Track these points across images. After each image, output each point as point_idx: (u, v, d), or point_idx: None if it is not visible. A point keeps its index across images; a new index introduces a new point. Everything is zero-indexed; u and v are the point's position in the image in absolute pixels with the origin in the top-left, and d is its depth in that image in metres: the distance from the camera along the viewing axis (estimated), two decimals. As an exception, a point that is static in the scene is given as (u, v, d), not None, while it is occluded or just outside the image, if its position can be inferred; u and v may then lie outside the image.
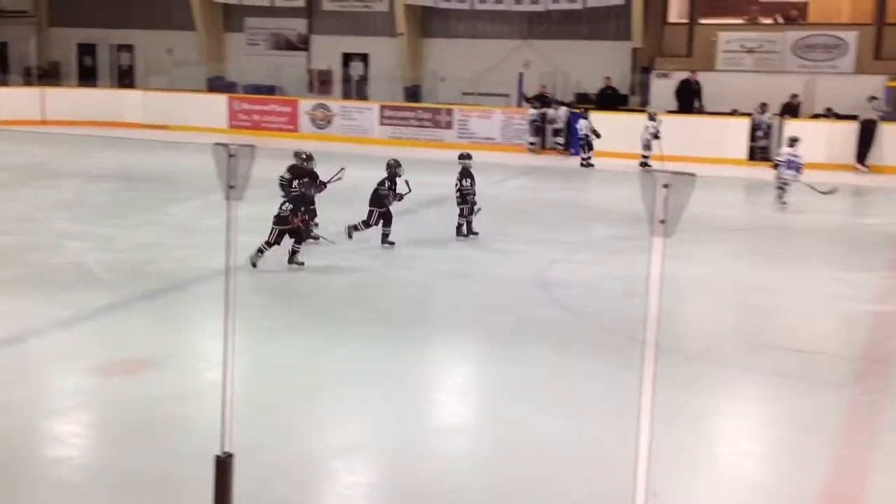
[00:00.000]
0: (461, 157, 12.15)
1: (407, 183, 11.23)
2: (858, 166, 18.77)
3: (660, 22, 23.94)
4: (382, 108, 23.64)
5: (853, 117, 19.38)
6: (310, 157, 11.16)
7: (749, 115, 20.01)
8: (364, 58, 27.43)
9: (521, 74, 23.48)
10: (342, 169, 11.28)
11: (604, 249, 11.70)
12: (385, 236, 11.18)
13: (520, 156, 21.03)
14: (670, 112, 21.40)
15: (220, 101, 25.35)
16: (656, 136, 18.64)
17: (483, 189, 12.59)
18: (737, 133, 20.19)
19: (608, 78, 22.83)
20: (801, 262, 11.46)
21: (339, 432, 5.98)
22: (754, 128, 19.73)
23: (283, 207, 9.94)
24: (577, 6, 23.81)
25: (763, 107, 19.85)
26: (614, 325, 8.33)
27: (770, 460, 5.95)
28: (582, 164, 19.51)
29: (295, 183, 10.68)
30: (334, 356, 7.44)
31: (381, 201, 11.12)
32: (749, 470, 5.76)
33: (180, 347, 7.70)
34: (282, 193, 10.87)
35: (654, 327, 3.53)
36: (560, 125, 21.37)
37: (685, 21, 23.85)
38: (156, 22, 28.98)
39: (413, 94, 25.85)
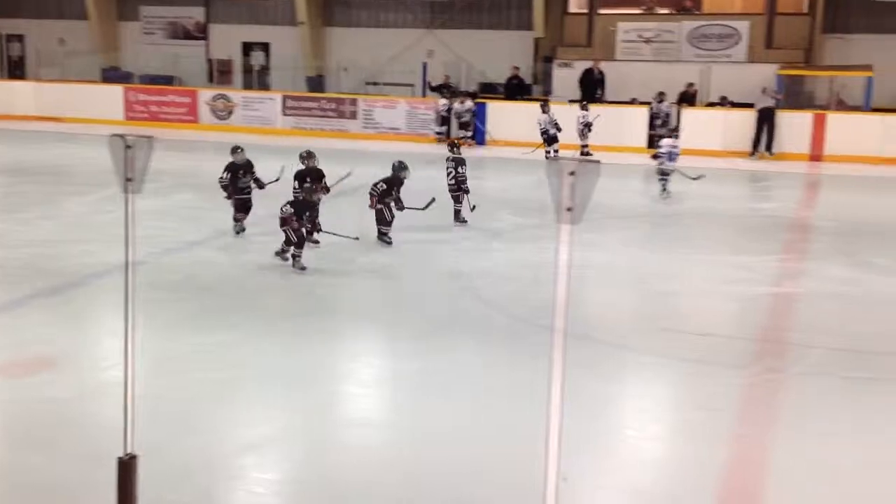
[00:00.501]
0: (451, 146, 12.78)
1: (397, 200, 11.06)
2: (764, 154, 19.32)
3: (560, 12, 24.24)
4: (285, 98, 23.33)
5: (747, 105, 19.96)
6: (310, 155, 10.92)
7: (648, 103, 20.42)
8: (265, 47, 27.06)
9: (424, 64, 23.47)
10: (348, 173, 11.07)
11: (514, 238, 11.78)
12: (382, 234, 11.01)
13: (426, 145, 21.03)
14: (573, 101, 21.70)
15: (115, 92, 24.64)
16: (588, 127, 18.87)
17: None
18: (636, 122, 20.59)
19: (516, 67, 22.98)
20: (701, 247, 11.75)
21: (249, 428, 5.88)
22: (653, 116, 20.15)
23: (284, 209, 9.58)
24: (479, -5, 23.97)
25: (661, 95, 20.28)
26: (526, 314, 8.40)
27: (674, 441, 6.08)
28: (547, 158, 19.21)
29: (296, 184, 10.60)
30: (244, 351, 7.30)
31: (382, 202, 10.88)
32: (655, 451, 5.89)
33: (81, 346, 7.46)
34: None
35: (563, 314, 3.56)
36: (467, 118, 21.34)
37: (585, 11, 24.19)
38: (47, 11, 28.01)
39: (316, 84, 25.59)
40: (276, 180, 11.12)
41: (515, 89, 22.79)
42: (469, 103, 21.19)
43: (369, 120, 22.35)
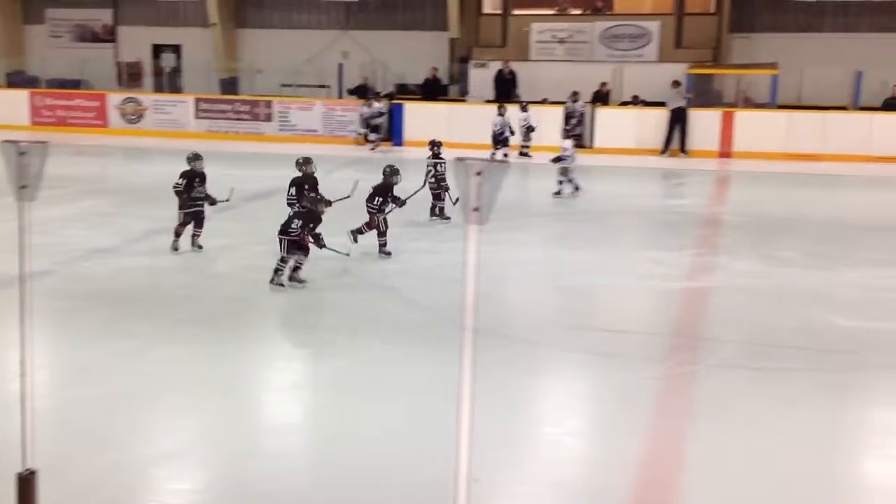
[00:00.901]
0: (433, 143, 12.86)
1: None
2: (678, 152, 19.64)
3: (475, 13, 24.34)
4: (198, 100, 22.91)
5: (659, 104, 20.32)
6: (307, 161, 10.31)
7: (563, 103, 20.62)
8: (176, 49, 26.56)
9: (340, 65, 23.31)
10: (356, 182, 10.75)
11: (434, 238, 11.75)
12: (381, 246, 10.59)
13: (344, 147, 20.87)
14: (489, 101, 21.83)
15: (21, 96, 23.87)
16: (530, 129, 18.92)
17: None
18: (551, 121, 20.77)
19: (434, 68, 22.98)
20: (618, 244, 11.90)
21: (158, 439, 5.73)
22: (568, 116, 20.36)
23: (294, 226, 8.97)
24: (394, -4, 23.95)
25: (575, 95, 20.50)
26: (447, 313, 8.38)
27: (592, 435, 6.14)
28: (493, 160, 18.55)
29: (293, 191, 9.96)
30: (157, 359, 7.12)
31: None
32: (574, 446, 5.93)
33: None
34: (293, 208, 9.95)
35: (472, 313, 3.54)
36: (378, 120, 21.01)
37: (499, 12, 24.33)
38: (-53, 14, 27.02)
39: (230, 86, 25.21)
40: (227, 200, 10.67)
41: (432, 90, 22.79)
42: (377, 105, 20.90)
43: (285, 122, 22.10)
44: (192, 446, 5.69)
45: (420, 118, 21.11)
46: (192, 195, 10.34)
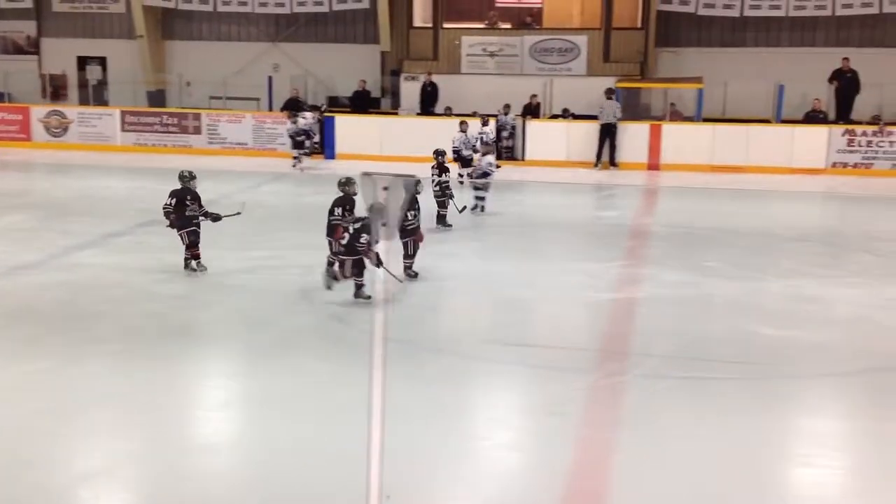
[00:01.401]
0: (437, 153, 13.02)
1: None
2: (608, 165, 19.85)
3: (406, 26, 24.38)
4: (124, 113, 22.50)
5: (588, 117, 20.56)
6: (349, 182, 9.62)
7: (494, 116, 20.75)
8: (102, 61, 26.06)
9: (270, 78, 23.13)
10: (243, 203, 10.67)
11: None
12: (406, 268, 10.01)
13: (274, 160, 20.67)
14: (419, 114, 21.89)
15: (-60, 109, 23.19)
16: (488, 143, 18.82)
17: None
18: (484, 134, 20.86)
19: (363, 81, 22.94)
20: (547, 257, 12.00)
21: (81, 459, 5.60)
22: (500, 129, 20.50)
23: (362, 240, 8.64)
24: (324, 9, 23.85)
25: (506, 108, 20.66)
26: (371, 327, 8.35)
27: (522, 447, 6.18)
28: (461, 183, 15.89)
29: (337, 211, 9.47)
30: (70, 377, 6.97)
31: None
32: (504, 458, 5.96)
33: None
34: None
35: (382, 328, 3.54)
36: (302, 137, 20.36)
37: (429, 25, 24.42)
38: None
39: (157, 98, 24.84)
40: (237, 214, 10.26)
41: (362, 102, 22.74)
42: (302, 122, 20.16)
43: (214, 135, 21.83)
44: (116, 466, 5.57)
45: (352, 131, 21.06)
46: (186, 214, 9.96)
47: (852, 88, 20.12)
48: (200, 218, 10.09)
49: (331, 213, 9.55)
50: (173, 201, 10.01)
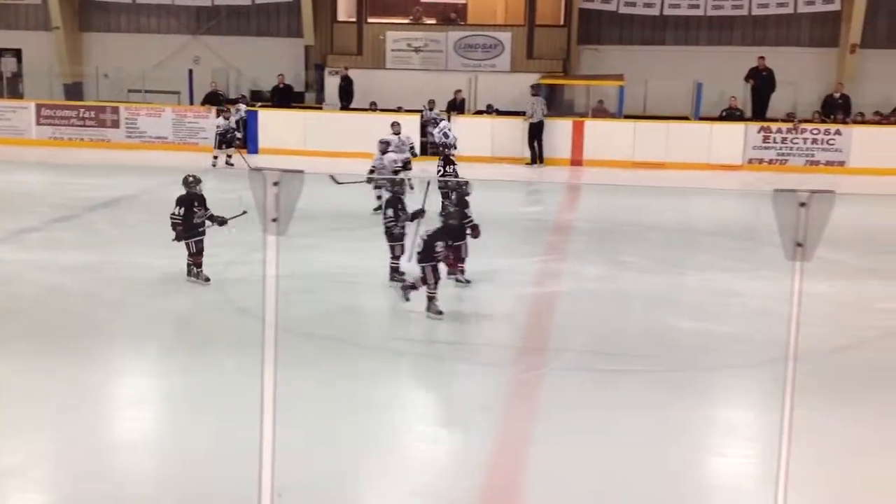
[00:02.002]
0: (444, 146, 13.38)
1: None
2: (536, 165, 19.96)
3: (329, 20, 24.20)
4: (39, 106, 21.87)
5: (513, 113, 20.67)
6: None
7: (419, 111, 20.74)
8: (17, 53, 25.29)
9: (190, 71, 22.73)
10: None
11: (280, 248, 11.58)
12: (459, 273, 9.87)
13: (195, 155, 20.31)
14: (342, 109, 21.79)
15: None
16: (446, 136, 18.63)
17: (156, 191, 12.05)
18: (409, 130, 20.82)
19: (281, 75, 22.69)
20: (474, 251, 12.02)
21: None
22: (424, 124, 20.49)
23: (439, 247, 8.42)
24: (246, 2, 23.53)
25: (431, 104, 20.64)
26: (290, 324, 8.30)
27: (441, 441, 6.20)
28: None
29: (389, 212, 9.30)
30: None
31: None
32: (423, 452, 5.98)
33: None
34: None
35: (273, 324, 3.52)
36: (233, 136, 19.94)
37: (354, 20, 24.29)
38: None
39: (74, 91, 24.20)
40: (243, 213, 9.15)
41: (283, 97, 22.49)
42: (234, 117, 19.71)
43: (133, 129, 21.37)
44: (27, 466, 5.44)
45: (275, 126, 20.83)
46: (194, 222, 9.36)
47: (768, 87, 20.62)
48: (207, 223, 9.50)
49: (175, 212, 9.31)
50: (182, 210, 9.30)
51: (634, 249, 11.90)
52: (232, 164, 18.54)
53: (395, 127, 15.35)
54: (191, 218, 9.34)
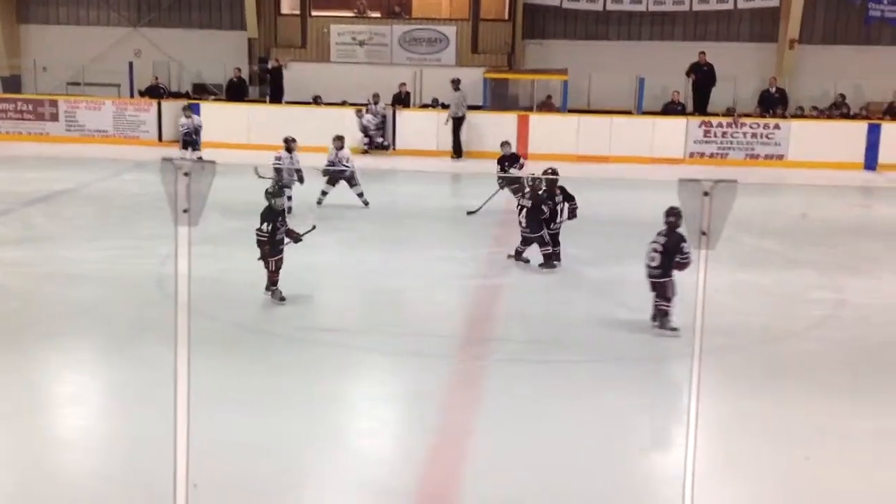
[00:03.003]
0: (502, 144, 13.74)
1: None
2: (457, 158, 19.97)
3: (273, 13, 24.04)
4: (-25, 100, 21.43)
5: (472, 108, 20.68)
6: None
7: (364, 105, 20.67)
8: (-48, 45, 24.75)
9: (131, 64, 22.41)
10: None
11: (226, 242, 11.47)
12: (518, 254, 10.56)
13: (135, 148, 20.02)
14: (288, 103, 21.64)
15: None
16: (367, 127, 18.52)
17: (95, 185, 11.85)
18: (353, 123, 20.76)
19: (238, 69, 22.41)
20: (416, 245, 12.05)
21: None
22: (374, 117, 20.42)
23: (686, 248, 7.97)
24: (187, -6, 23.29)
25: (376, 97, 20.60)
26: (238, 319, 8.26)
27: (381, 434, 6.20)
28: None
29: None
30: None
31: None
32: (364, 446, 5.98)
33: None
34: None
35: (186, 315, 3.50)
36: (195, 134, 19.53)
37: (297, 13, 24.14)
38: None
39: (12, 84, 23.74)
40: (313, 229, 9.05)
41: (238, 91, 22.24)
42: (198, 118, 19.27)
43: (73, 122, 21.00)
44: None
45: (219, 120, 20.62)
46: (276, 239, 8.65)
47: (708, 81, 20.92)
48: (286, 241, 8.82)
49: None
50: (270, 227, 8.56)
51: (579, 241, 11.98)
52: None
53: (337, 143, 14.20)
54: (274, 235, 8.63)
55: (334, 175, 13.62)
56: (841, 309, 9.27)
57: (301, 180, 13.03)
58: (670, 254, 8.06)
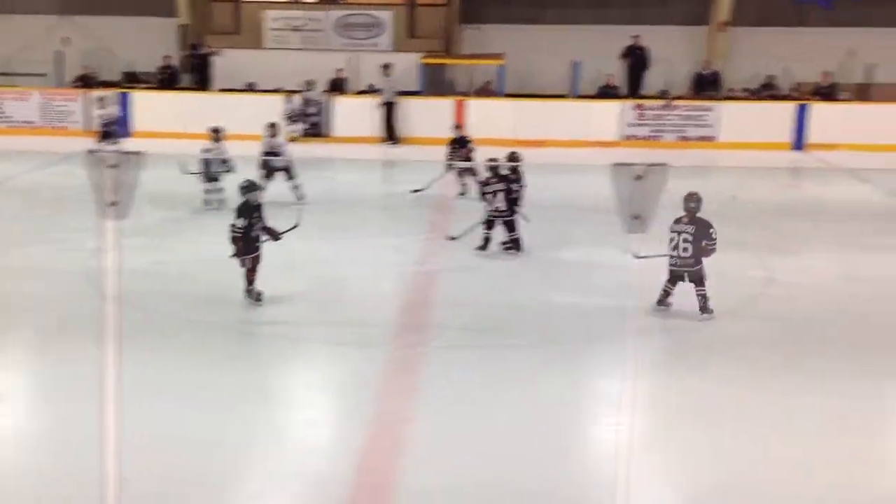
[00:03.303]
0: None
1: None
2: (388, 145, 19.88)
3: (206, -1, 23.65)
4: None
5: (399, 93, 20.56)
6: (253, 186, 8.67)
7: (300, 91, 20.46)
8: None
9: (59, 52, 21.85)
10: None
11: (158, 233, 11.29)
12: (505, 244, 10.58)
13: (64, 140, 19.56)
14: (222, 90, 21.32)
15: None
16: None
17: (21, 178, 11.54)
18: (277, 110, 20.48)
19: (168, 56, 21.98)
20: (353, 232, 11.99)
21: None
22: (305, 104, 20.24)
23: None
24: (114, -20, 22.76)
25: (310, 83, 20.38)
26: (175, 311, 8.15)
27: (320, 424, 6.18)
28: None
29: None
30: None
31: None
32: (301, 436, 5.96)
33: None
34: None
35: (116, 310, 3.45)
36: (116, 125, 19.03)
37: (231, -1, 23.80)
38: None
39: (-67, 75, 22.99)
40: (295, 227, 8.68)
41: (171, 79, 21.81)
42: (112, 109, 18.67)
43: (-1, 113, 20.47)
44: None
45: (151, 109, 20.25)
46: (251, 236, 8.32)
47: (642, 64, 21.12)
48: (264, 238, 8.47)
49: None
50: (245, 223, 8.27)
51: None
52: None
53: (270, 130, 13.72)
54: (251, 230, 8.32)
55: (271, 167, 13.18)
56: (771, 288, 9.45)
57: (231, 170, 12.67)
58: (699, 241, 8.11)
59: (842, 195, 15.21)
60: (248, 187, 8.51)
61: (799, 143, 19.57)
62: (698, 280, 8.24)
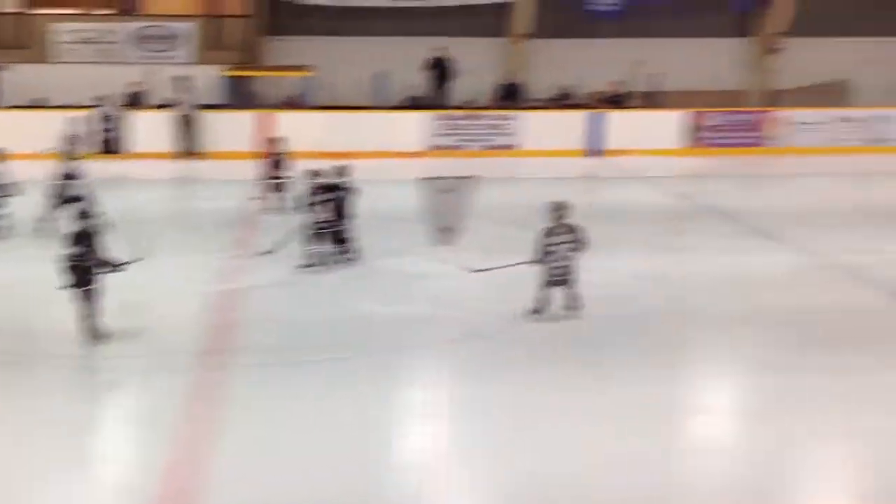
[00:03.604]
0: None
1: None
2: (189, 160, 19.33)
3: (-13, 11, 22.26)
4: None
5: (205, 106, 20.00)
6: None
7: (94, 107, 19.58)
8: None
9: None
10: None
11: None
12: None
13: None
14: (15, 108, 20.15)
15: None
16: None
17: None
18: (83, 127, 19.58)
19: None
20: (153, 253, 11.51)
21: None
22: (103, 120, 19.39)
23: None
24: None
25: (104, 98, 19.53)
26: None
27: (122, 454, 5.95)
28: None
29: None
30: None
31: None
32: (97, 469, 5.73)
33: None
34: None
35: None
36: None
37: (17, 11, 22.51)
38: None
39: None
40: (140, 259, 8.19)
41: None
42: None
43: None
44: None
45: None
46: (87, 264, 7.57)
47: (447, 75, 21.54)
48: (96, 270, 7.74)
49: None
50: (84, 250, 7.58)
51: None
52: None
53: (67, 149, 12.99)
54: (84, 259, 7.63)
55: (65, 197, 12.03)
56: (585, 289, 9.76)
57: (16, 194, 11.89)
58: (576, 246, 8.40)
59: (632, 198, 15.96)
60: (82, 214, 7.91)
61: (595, 150, 20.45)
62: (573, 284, 8.56)
